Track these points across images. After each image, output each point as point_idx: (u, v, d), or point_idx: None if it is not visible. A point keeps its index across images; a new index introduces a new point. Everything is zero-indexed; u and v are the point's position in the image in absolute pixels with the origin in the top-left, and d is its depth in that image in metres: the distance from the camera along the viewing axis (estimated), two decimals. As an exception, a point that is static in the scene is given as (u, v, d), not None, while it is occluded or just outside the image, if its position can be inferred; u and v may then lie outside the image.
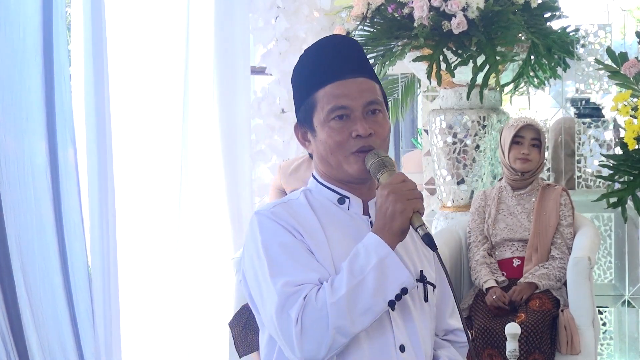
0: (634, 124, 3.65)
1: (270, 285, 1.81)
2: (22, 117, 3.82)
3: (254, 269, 1.87)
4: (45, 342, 3.84)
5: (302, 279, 1.80)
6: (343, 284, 1.78)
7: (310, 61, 1.94)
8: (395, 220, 1.82)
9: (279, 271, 1.82)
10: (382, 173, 1.87)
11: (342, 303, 1.77)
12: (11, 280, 3.71)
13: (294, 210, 1.91)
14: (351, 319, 1.78)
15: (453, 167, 4.54)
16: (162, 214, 4.76)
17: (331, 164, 1.92)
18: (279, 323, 1.79)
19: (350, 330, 1.79)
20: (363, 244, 1.83)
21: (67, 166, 3.96)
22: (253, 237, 1.89)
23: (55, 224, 3.91)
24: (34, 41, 3.80)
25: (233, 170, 5.12)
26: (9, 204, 3.72)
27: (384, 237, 1.82)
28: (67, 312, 3.98)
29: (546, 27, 4.36)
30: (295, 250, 1.85)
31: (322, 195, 1.96)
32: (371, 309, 1.79)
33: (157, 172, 4.75)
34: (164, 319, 4.74)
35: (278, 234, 1.86)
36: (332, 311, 1.77)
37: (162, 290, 4.73)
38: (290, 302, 1.78)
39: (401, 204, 1.81)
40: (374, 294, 1.79)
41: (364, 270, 1.79)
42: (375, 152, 1.89)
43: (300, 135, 1.97)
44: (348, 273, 1.79)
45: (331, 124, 1.89)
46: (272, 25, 5.37)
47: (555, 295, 3.92)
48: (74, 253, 3.99)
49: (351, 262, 1.81)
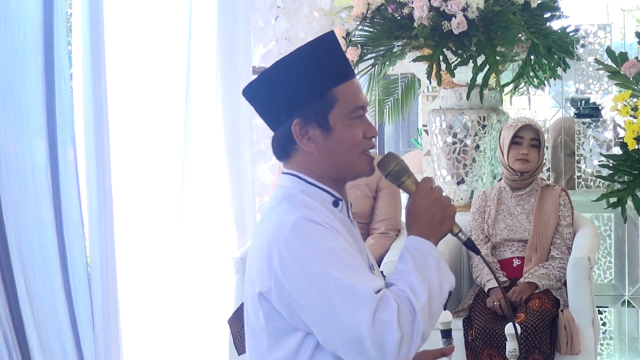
0: (634, 123, 3.64)
1: (352, 292, 1.74)
2: (22, 116, 3.82)
3: (313, 277, 1.77)
4: (45, 342, 3.84)
5: (379, 284, 1.80)
6: (421, 289, 1.79)
7: (323, 56, 1.89)
8: (444, 225, 1.88)
9: (357, 278, 1.77)
10: (407, 178, 1.93)
11: (426, 308, 1.79)
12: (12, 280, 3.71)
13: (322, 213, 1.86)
14: (431, 323, 1.81)
15: (453, 167, 4.54)
16: (164, 214, 4.76)
17: (340, 162, 1.90)
18: (373, 330, 1.72)
19: (428, 334, 1.81)
20: (415, 248, 1.85)
21: (67, 166, 3.96)
22: (306, 244, 1.79)
23: (55, 224, 3.91)
24: (34, 41, 3.80)
25: (236, 169, 5.13)
26: (9, 203, 3.72)
27: (433, 241, 1.87)
28: (67, 312, 3.98)
29: (546, 27, 4.37)
30: (354, 254, 1.83)
31: (319, 196, 1.92)
32: (438, 312, 1.83)
33: (158, 172, 4.75)
34: (163, 317, 4.74)
35: (334, 239, 1.81)
36: (422, 316, 1.77)
37: (161, 289, 4.73)
38: (382, 308, 1.74)
39: (450, 209, 1.88)
40: (439, 298, 1.82)
41: (428, 276, 1.82)
42: (392, 155, 1.94)
43: (299, 131, 1.89)
44: (420, 278, 1.81)
45: (352, 122, 1.89)
46: (272, 25, 5.37)
47: (555, 295, 3.93)
48: (73, 253, 3.99)
49: (415, 266, 1.82)
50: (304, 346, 1.84)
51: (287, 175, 1.94)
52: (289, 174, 1.94)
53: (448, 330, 2.98)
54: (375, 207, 4.27)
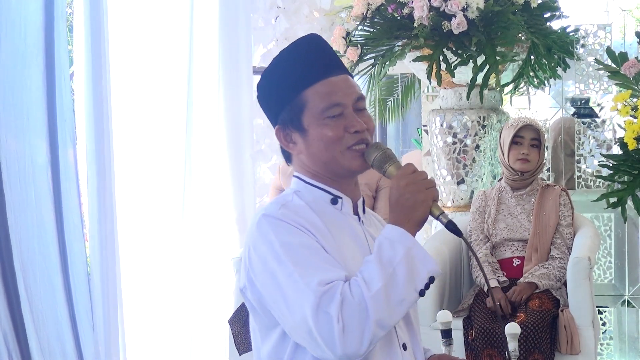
0: (634, 124, 3.65)
1: (300, 286, 1.78)
2: (23, 117, 3.82)
3: (271, 272, 1.82)
4: (45, 342, 3.84)
5: (332, 276, 1.79)
6: (376, 277, 1.78)
7: (292, 62, 1.93)
8: (417, 210, 1.83)
9: (307, 271, 1.79)
10: (389, 165, 1.89)
11: (380, 295, 1.77)
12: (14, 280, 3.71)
13: (297, 211, 1.90)
14: (389, 310, 1.78)
15: (453, 167, 4.54)
16: (164, 214, 4.76)
17: (324, 161, 1.92)
18: (317, 323, 1.76)
19: (388, 322, 1.79)
20: (385, 237, 1.83)
21: (67, 166, 3.96)
22: (266, 239, 1.84)
23: (55, 224, 3.92)
24: (35, 41, 3.81)
25: (238, 169, 5.14)
26: (9, 203, 3.73)
27: (406, 228, 1.83)
28: (67, 312, 3.98)
29: (546, 27, 4.37)
30: (316, 249, 1.84)
31: (314, 195, 1.95)
32: (405, 299, 1.80)
33: (160, 172, 4.75)
34: (164, 317, 4.74)
35: (295, 235, 1.84)
36: (372, 304, 1.76)
37: (162, 289, 4.73)
38: (326, 301, 1.76)
39: (422, 193, 1.83)
40: (406, 284, 1.79)
41: (393, 262, 1.79)
42: (376, 145, 1.91)
43: (283, 137, 1.95)
44: (379, 266, 1.79)
45: (326, 121, 1.90)
46: (272, 25, 5.37)
47: (555, 295, 3.93)
48: (74, 253, 4.00)
49: (378, 255, 1.81)
50: (285, 340, 1.87)
51: (293, 178, 2.00)
52: (294, 176, 1.99)
53: (448, 330, 2.98)
54: (375, 206, 4.28)
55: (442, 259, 3.99)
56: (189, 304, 4.83)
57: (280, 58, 1.95)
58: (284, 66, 1.93)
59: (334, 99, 1.90)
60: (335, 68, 1.94)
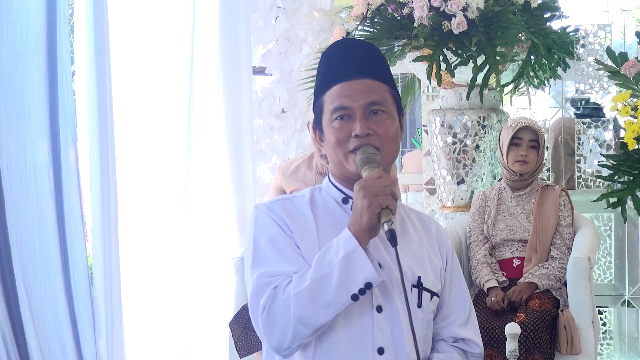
0: (634, 124, 3.65)
1: (250, 275, 1.89)
2: (25, 116, 3.83)
3: (247, 260, 1.95)
4: (45, 342, 3.84)
5: (278, 270, 1.87)
6: (309, 275, 1.84)
7: (323, 65, 2.01)
8: (363, 216, 1.85)
9: (259, 262, 1.90)
10: (365, 170, 1.91)
11: (305, 294, 1.82)
12: (12, 279, 3.71)
13: (292, 206, 1.98)
14: (314, 309, 1.82)
15: (453, 167, 4.54)
16: (166, 214, 4.77)
17: (334, 161, 1.99)
18: (251, 311, 1.88)
19: (312, 322, 1.83)
20: (337, 238, 1.88)
21: (68, 166, 3.96)
22: (249, 228, 1.97)
23: (56, 224, 3.92)
24: (36, 41, 3.81)
25: (238, 169, 5.14)
26: (10, 203, 3.73)
27: (354, 232, 1.86)
28: (67, 312, 3.98)
29: (546, 27, 4.37)
30: (280, 244, 1.92)
31: (329, 193, 2.03)
32: (334, 302, 1.83)
33: (161, 172, 4.76)
34: (165, 319, 4.75)
35: (268, 227, 1.94)
36: (295, 301, 1.82)
37: (162, 289, 4.73)
38: (261, 292, 1.85)
39: (368, 199, 1.84)
40: (338, 286, 1.83)
41: (332, 263, 1.84)
42: (364, 149, 1.94)
43: (317, 136, 2.04)
44: (316, 265, 1.85)
45: (334, 123, 1.95)
46: (272, 25, 5.37)
47: (555, 295, 3.93)
48: (74, 253, 4.00)
49: (322, 254, 1.87)
50: None
51: None
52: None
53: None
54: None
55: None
56: (189, 304, 4.84)
57: (319, 61, 2.04)
58: (318, 69, 2.03)
59: (342, 102, 1.94)
60: (357, 72, 1.96)
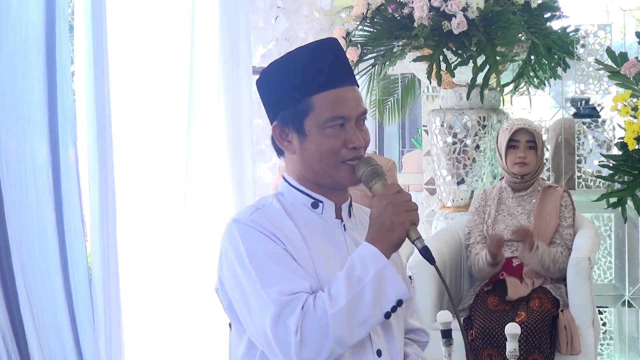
0: (634, 124, 3.65)
1: (262, 294, 1.79)
2: (24, 117, 3.82)
3: (236, 277, 1.84)
4: (45, 342, 3.84)
5: (296, 287, 1.79)
6: (342, 294, 1.77)
7: (306, 62, 1.89)
8: (394, 232, 1.81)
9: (269, 280, 1.79)
10: (376, 182, 1.87)
11: (342, 314, 1.76)
12: (12, 279, 3.71)
13: (271, 217, 1.89)
14: (350, 330, 1.77)
15: (453, 167, 4.55)
16: (166, 214, 4.76)
17: (315, 169, 1.91)
18: (275, 333, 1.76)
19: (347, 342, 1.79)
20: (359, 254, 1.82)
21: (68, 166, 3.96)
22: (234, 245, 1.85)
23: (56, 224, 3.92)
24: (36, 41, 3.80)
25: (238, 169, 5.14)
26: (10, 203, 3.72)
27: (381, 249, 1.81)
28: (67, 312, 3.98)
29: (546, 27, 4.37)
30: (281, 258, 1.83)
31: (295, 199, 1.95)
32: (368, 321, 1.79)
33: (160, 172, 4.75)
34: (164, 319, 4.74)
35: (261, 242, 1.84)
36: (332, 322, 1.76)
37: (163, 289, 4.73)
38: (287, 312, 1.76)
39: (400, 216, 1.81)
40: (372, 305, 1.78)
41: (362, 282, 1.78)
42: (366, 160, 1.90)
43: (279, 134, 1.93)
44: (346, 283, 1.78)
45: (327, 131, 1.88)
46: (272, 25, 5.37)
47: (555, 295, 3.93)
48: (74, 253, 3.99)
49: (348, 272, 1.80)
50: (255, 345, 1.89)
51: (281, 179, 2.00)
52: (282, 177, 2.00)
53: (448, 330, 2.98)
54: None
55: (442, 259, 3.99)
56: (188, 304, 4.83)
57: (295, 55, 1.92)
58: (298, 65, 1.90)
59: (341, 110, 1.88)
60: (347, 78, 1.92)
